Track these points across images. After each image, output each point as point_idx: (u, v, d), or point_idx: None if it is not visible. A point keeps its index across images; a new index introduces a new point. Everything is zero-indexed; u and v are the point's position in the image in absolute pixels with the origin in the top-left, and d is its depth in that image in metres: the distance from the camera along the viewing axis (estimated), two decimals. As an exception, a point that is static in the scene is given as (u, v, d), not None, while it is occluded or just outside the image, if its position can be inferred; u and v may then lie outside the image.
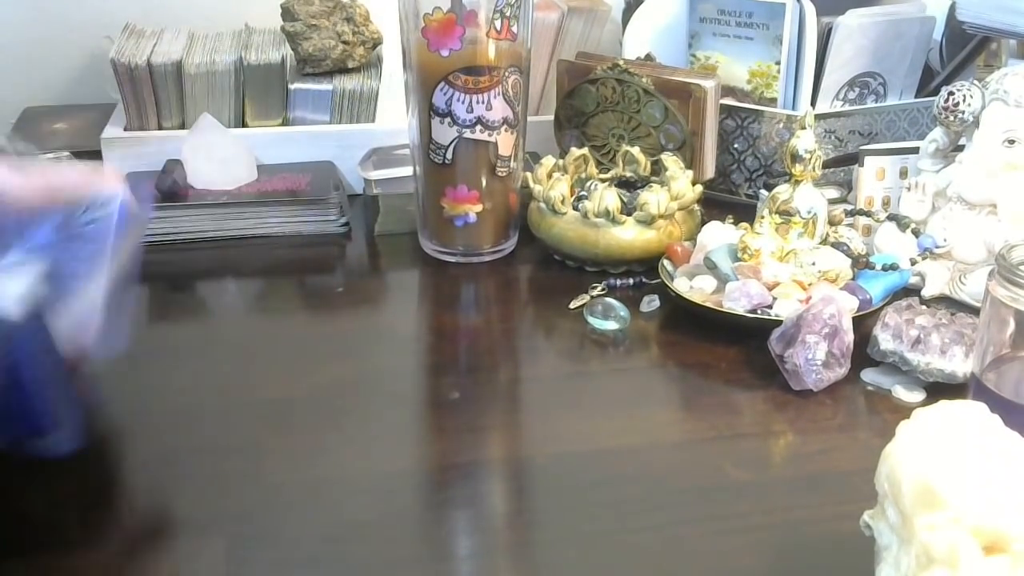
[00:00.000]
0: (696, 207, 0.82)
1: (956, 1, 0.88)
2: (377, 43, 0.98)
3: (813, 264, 0.70)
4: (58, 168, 0.54)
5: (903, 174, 0.83)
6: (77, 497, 0.52)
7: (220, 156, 0.89)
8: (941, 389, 0.62)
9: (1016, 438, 0.41)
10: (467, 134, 0.78)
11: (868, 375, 0.65)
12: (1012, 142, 0.72)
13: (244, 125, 0.96)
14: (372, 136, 0.95)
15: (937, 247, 0.75)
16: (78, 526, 0.50)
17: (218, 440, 0.58)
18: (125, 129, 0.94)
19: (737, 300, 0.69)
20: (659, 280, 0.75)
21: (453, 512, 0.53)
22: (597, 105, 0.90)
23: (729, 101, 0.93)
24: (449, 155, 0.79)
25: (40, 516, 0.51)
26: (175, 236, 0.85)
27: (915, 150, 0.81)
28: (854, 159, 0.86)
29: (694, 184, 0.81)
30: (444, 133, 0.78)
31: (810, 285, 0.69)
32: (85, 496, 0.52)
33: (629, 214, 0.78)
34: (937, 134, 0.78)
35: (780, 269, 0.70)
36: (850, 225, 0.79)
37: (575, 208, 0.80)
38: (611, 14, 1.06)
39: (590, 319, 0.72)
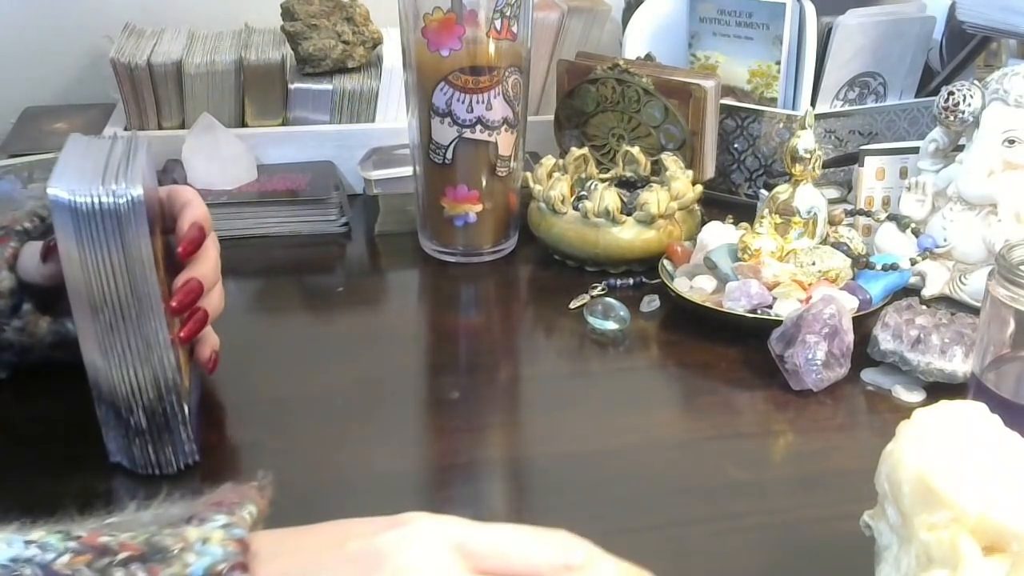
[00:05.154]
0: (696, 207, 0.82)
1: (956, 1, 0.88)
2: (377, 43, 0.98)
3: (813, 264, 0.70)
4: None
5: (903, 174, 0.83)
6: (77, 495, 0.52)
7: (220, 156, 0.90)
8: (941, 389, 0.61)
9: (1016, 438, 0.41)
10: (467, 134, 0.78)
11: (868, 375, 0.65)
12: (1012, 142, 0.72)
13: (244, 125, 0.96)
14: (372, 136, 0.95)
15: (937, 247, 0.75)
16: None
17: (217, 440, 0.58)
18: (125, 129, 0.94)
19: (737, 300, 0.69)
20: (659, 280, 0.75)
21: (453, 512, 0.53)
22: (597, 105, 0.90)
23: (729, 101, 0.93)
24: (449, 155, 0.79)
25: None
26: (175, 236, 0.85)
27: (915, 150, 0.81)
28: (854, 159, 0.86)
29: (694, 184, 0.81)
30: (444, 133, 0.78)
31: (810, 285, 0.69)
32: (85, 492, 0.52)
33: (629, 214, 0.78)
34: (937, 134, 0.78)
35: (780, 269, 0.70)
36: (850, 225, 0.79)
37: (575, 208, 0.80)
38: (611, 14, 1.05)
39: (590, 319, 0.72)
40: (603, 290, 0.77)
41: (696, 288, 0.72)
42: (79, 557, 0.32)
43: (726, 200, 0.93)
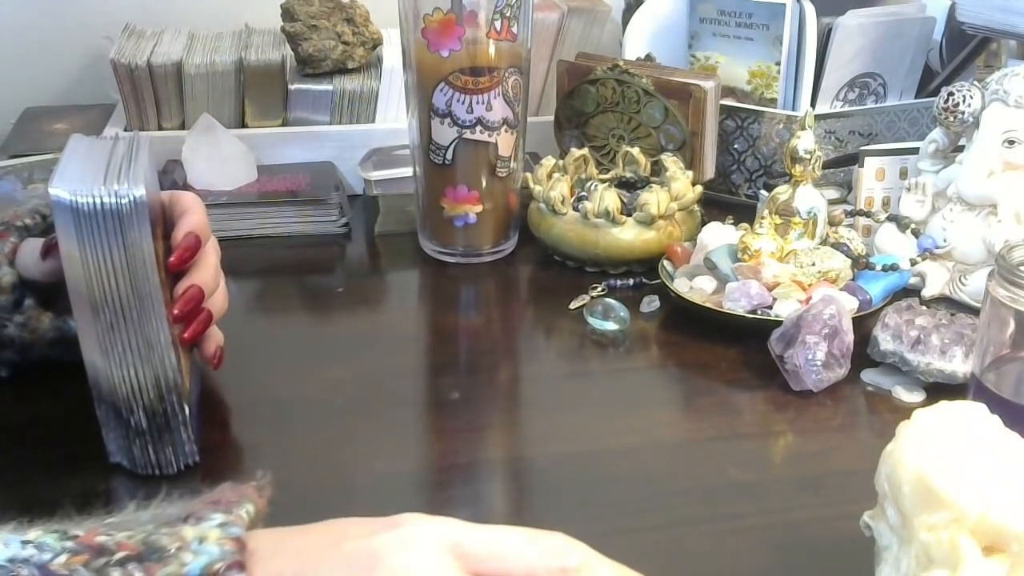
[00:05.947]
0: (696, 207, 0.82)
1: (956, 1, 0.88)
2: (377, 43, 0.98)
3: (813, 264, 0.70)
4: None
5: (903, 174, 0.83)
6: (77, 495, 0.52)
7: (220, 156, 0.90)
8: (941, 389, 0.62)
9: (1016, 438, 0.41)
10: (467, 134, 0.78)
11: (868, 375, 0.65)
12: (1012, 142, 0.72)
13: (244, 125, 0.96)
14: (372, 136, 0.95)
15: (937, 247, 0.75)
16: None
17: (217, 440, 0.58)
18: (125, 129, 0.94)
19: (737, 300, 0.69)
20: (659, 280, 0.75)
21: (453, 512, 0.52)
22: (597, 106, 0.90)
23: (729, 102, 0.93)
24: (449, 155, 0.79)
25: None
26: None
27: (915, 150, 0.81)
28: (854, 159, 0.86)
29: (694, 184, 0.81)
30: (444, 133, 0.78)
31: (810, 285, 0.69)
32: (85, 493, 0.52)
33: (629, 215, 0.78)
34: (937, 134, 0.78)
35: (780, 270, 0.70)
36: (850, 225, 0.79)
37: (575, 208, 0.80)
38: (611, 14, 1.06)
39: (590, 319, 0.72)
40: (603, 290, 0.77)
41: (696, 288, 0.72)
42: (76, 557, 0.32)
43: (726, 201, 0.93)
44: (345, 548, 0.35)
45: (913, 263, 0.74)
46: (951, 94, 0.75)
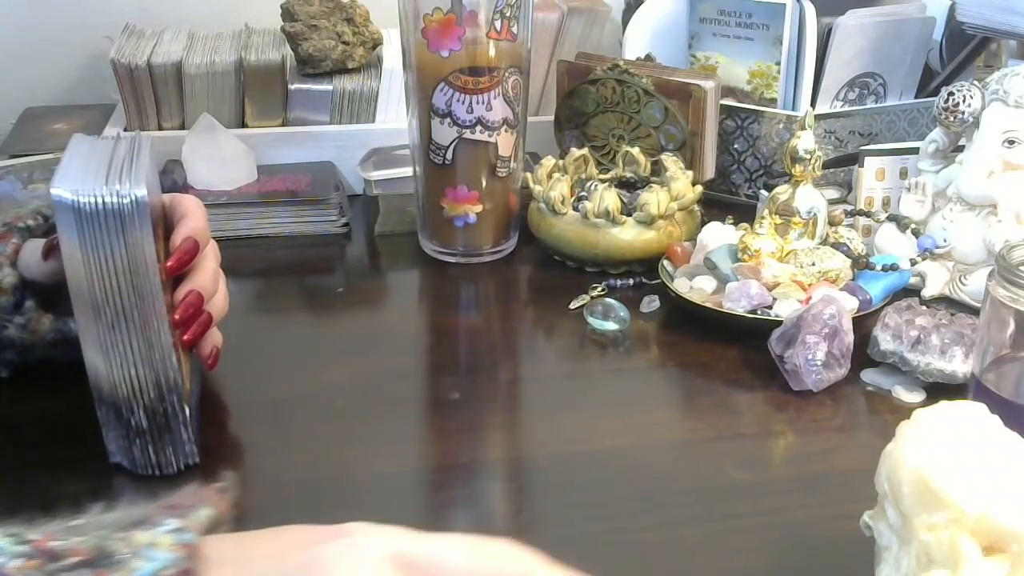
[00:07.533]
0: (696, 207, 0.82)
1: (956, 1, 0.88)
2: (377, 43, 0.98)
3: (813, 264, 0.70)
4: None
5: (903, 174, 0.83)
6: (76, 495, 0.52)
7: (220, 156, 0.90)
8: (941, 389, 0.61)
9: (1016, 438, 0.41)
10: (467, 134, 0.78)
11: (868, 375, 0.65)
12: (1012, 142, 0.72)
13: (244, 125, 0.96)
14: (372, 136, 0.95)
15: (937, 247, 0.75)
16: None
17: (217, 440, 0.58)
18: (125, 129, 0.94)
19: (737, 300, 0.69)
20: (659, 280, 0.75)
21: (453, 512, 0.53)
22: (597, 105, 0.90)
23: (729, 101, 0.93)
24: (449, 155, 0.79)
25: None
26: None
27: (915, 150, 0.81)
28: (854, 159, 0.86)
29: (694, 184, 0.81)
30: (444, 133, 0.78)
31: (810, 285, 0.69)
32: (84, 493, 0.52)
33: (629, 214, 0.78)
34: (937, 134, 0.78)
35: (780, 270, 0.70)
36: (850, 225, 0.79)
37: (575, 208, 0.80)
38: (611, 14, 1.06)
39: (590, 319, 0.72)
40: (603, 290, 0.77)
41: (696, 288, 0.72)
42: (30, 562, 0.32)
43: (726, 201, 0.93)
44: (291, 557, 0.35)
45: (913, 263, 0.74)
46: (951, 94, 0.75)
